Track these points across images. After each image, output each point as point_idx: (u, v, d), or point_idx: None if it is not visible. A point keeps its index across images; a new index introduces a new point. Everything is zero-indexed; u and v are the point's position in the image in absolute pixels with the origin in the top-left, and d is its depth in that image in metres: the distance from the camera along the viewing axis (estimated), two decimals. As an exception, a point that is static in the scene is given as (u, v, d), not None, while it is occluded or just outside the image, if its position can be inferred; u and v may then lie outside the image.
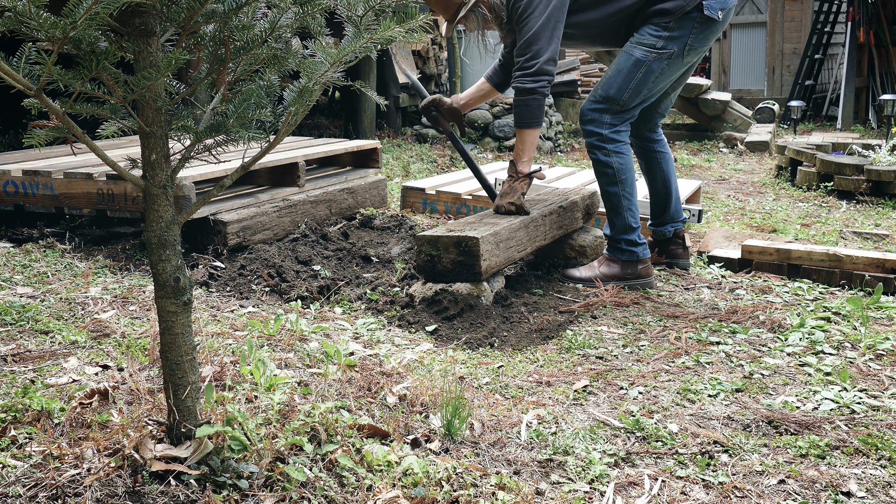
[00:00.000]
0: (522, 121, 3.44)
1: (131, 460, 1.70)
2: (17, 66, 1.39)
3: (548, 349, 2.80)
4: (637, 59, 3.45)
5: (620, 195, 3.57)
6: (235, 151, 4.06)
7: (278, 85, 1.70)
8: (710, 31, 3.46)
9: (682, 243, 3.94)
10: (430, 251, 3.13)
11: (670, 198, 3.87)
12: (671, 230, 3.90)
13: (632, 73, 3.46)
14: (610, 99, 3.50)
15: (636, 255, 3.58)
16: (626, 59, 3.48)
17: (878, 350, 2.81)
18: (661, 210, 3.90)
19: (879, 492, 1.90)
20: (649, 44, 3.43)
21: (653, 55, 3.43)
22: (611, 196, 3.59)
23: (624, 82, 3.47)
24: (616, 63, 3.52)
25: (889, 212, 5.79)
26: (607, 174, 3.56)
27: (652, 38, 3.43)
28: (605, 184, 3.59)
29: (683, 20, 3.39)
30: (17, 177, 3.79)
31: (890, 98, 9.20)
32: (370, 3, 1.60)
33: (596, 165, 3.59)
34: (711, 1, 3.39)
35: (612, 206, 3.60)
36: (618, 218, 3.60)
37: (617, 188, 3.56)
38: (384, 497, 1.71)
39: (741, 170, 8.38)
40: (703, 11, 3.39)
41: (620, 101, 3.49)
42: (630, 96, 3.49)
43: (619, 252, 3.59)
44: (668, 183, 3.85)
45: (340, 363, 2.41)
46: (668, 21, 3.40)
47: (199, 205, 1.71)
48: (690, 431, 2.17)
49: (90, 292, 3.04)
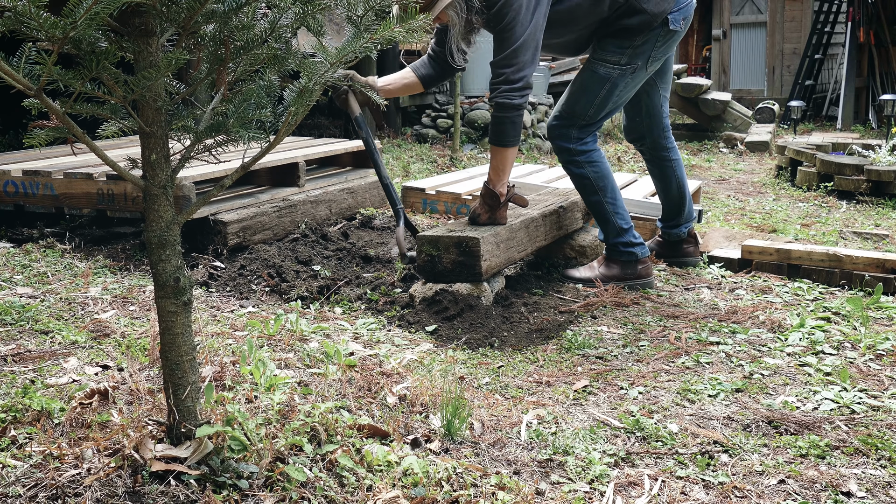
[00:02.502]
0: (506, 139, 3.20)
1: (131, 460, 1.70)
2: (17, 66, 1.39)
3: (548, 349, 2.80)
4: (601, 76, 3.40)
5: (603, 202, 3.54)
6: (235, 151, 4.06)
7: (278, 85, 1.70)
8: (673, 41, 3.45)
9: (695, 241, 3.95)
10: (430, 251, 3.13)
11: (685, 201, 3.87)
12: (685, 231, 3.91)
13: (596, 90, 3.42)
14: (575, 115, 3.46)
15: (635, 256, 3.57)
16: (590, 76, 3.43)
17: (878, 350, 2.81)
18: (675, 213, 3.90)
19: (879, 492, 1.90)
20: (613, 61, 3.38)
21: (617, 72, 3.39)
22: (594, 205, 3.57)
23: (589, 98, 3.43)
24: (580, 80, 3.48)
25: (889, 212, 5.79)
26: (585, 185, 3.54)
27: (616, 54, 3.37)
28: (587, 195, 3.57)
29: (648, 35, 3.35)
30: (17, 177, 3.79)
31: (890, 98, 9.20)
32: (370, 3, 1.60)
33: (573, 178, 3.57)
34: (674, 14, 3.36)
35: (598, 214, 3.58)
36: (607, 225, 3.58)
37: (598, 196, 3.53)
38: (384, 497, 1.71)
39: (741, 170, 8.38)
40: (669, 26, 3.36)
41: (586, 116, 3.46)
42: (595, 111, 3.45)
43: (618, 254, 3.58)
44: (683, 187, 3.86)
45: (340, 363, 2.41)
46: (635, 37, 3.35)
47: (199, 205, 1.71)
48: (690, 431, 2.17)
49: (90, 292, 3.04)
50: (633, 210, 4.43)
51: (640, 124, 3.78)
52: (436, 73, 3.54)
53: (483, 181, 3.35)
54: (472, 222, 3.33)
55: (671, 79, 3.78)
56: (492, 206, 3.30)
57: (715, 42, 15.37)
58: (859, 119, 11.95)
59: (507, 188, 3.32)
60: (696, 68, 16.18)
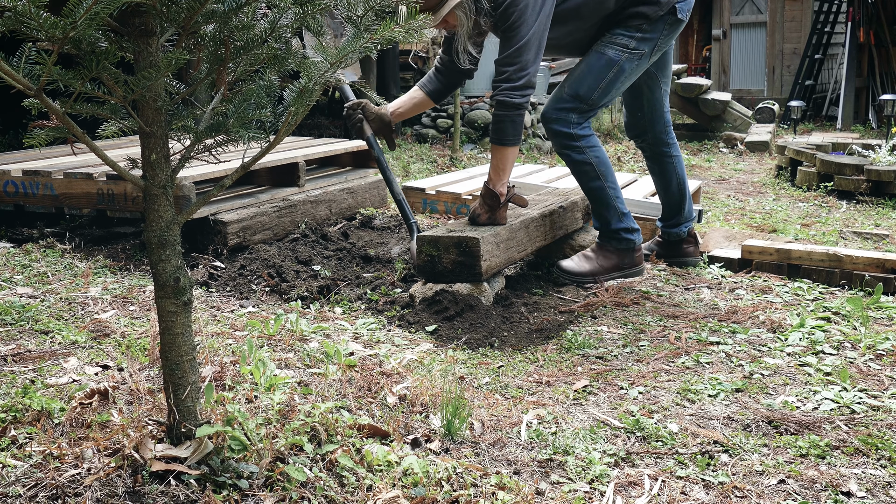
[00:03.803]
0: (506, 138, 3.22)
1: (131, 460, 1.70)
2: (17, 66, 1.39)
3: (548, 349, 2.80)
4: (609, 58, 3.39)
5: (605, 187, 3.49)
6: (235, 151, 4.07)
7: (278, 85, 1.70)
8: (676, 30, 3.48)
9: (695, 241, 3.94)
10: (430, 251, 3.13)
11: (685, 200, 3.87)
12: (685, 230, 3.90)
13: (603, 73, 3.40)
14: (579, 97, 3.42)
15: (634, 243, 3.55)
16: (597, 58, 3.41)
17: (878, 350, 2.81)
18: (676, 212, 3.89)
19: (879, 492, 1.90)
20: (622, 44, 3.38)
21: (625, 55, 3.38)
22: (596, 191, 3.51)
23: (595, 81, 3.40)
24: (586, 62, 3.44)
25: (889, 212, 5.79)
26: (587, 171, 3.47)
27: (625, 38, 3.38)
28: (588, 181, 3.50)
29: (656, 22, 3.38)
30: (17, 177, 3.79)
31: (890, 98, 9.20)
32: (370, 3, 1.61)
33: (572, 165, 3.49)
34: (682, 4, 3.40)
35: (600, 200, 3.52)
36: (609, 210, 3.53)
37: (600, 182, 3.48)
38: (384, 497, 1.71)
39: (741, 170, 8.38)
40: (677, 14, 3.39)
41: (590, 100, 3.42)
42: (599, 95, 3.42)
43: (617, 241, 3.54)
44: (683, 185, 3.85)
45: (340, 363, 2.41)
46: (642, 23, 3.37)
47: (199, 205, 1.71)
48: (690, 431, 2.17)
49: (90, 292, 3.04)
50: (634, 210, 4.43)
51: (641, 119, 3.78)
52: (443, 87, 3.57)
53: (483, 181, 3.35)
54: (472, 222, 3.32)
55: (671, 73, 3.79)
56: (492, 206, 3.30)
57: (715, 42, 15.37)
58: (859, 119, 11.95)
59: (507, 188, 3.31)
60: (696, 68, 16.19)
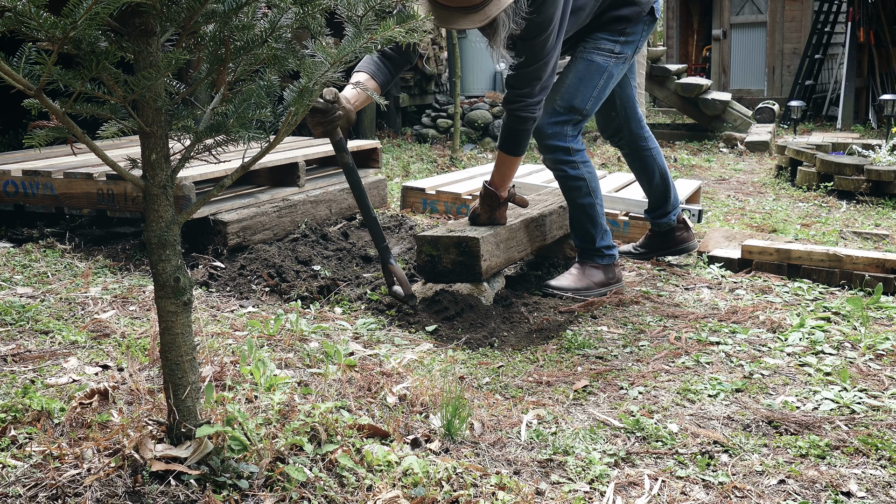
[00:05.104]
0: (519, 149, 3.19)
1: (131, 460, 1.70)
2: (17, 66, 1.39)
3: (548, 349, 2.80)
4: (599, 64, 3.36)
5: (595, 204, 3.44)
6: (235, 151, 4.06)
7: (278, 85, 1.70)
8: (651, 30, 3.50)
9: (686, 226, 3.93)
10: (430, 251, 3.13)
11: (669, 188, 3.86)
12: (674, 218, 3.89)
13: (594, 81, 3.36)
14: (574, 109, 3.35)
15: (615, 258, 3.52)
16: (586, 66, 3.36)
17: (878, 350, 2.81)
18: (662, 202, 3.88)
19: (879, 492, 1.90)
20: (608, 49, 3.36)
21: (612, 60, 3.37)
22: (586, 208, 3.44)
23: (588, 90, 3.35)
24: (575, 72, 3.38)
25: (889, 212, 5.79)
26: (580, 188, 3.41)
27: (609, 43, 3.36)
28: (579, 197, 3.43)
29: (637, 24, 3.38)
30: (17, 177, 3.79)
31: (890, 98, 9.21)
32: (370, 3, 1.60)
33: (565, 181, 3.42)
34: (657, 3, 3.44)
35: (589, 216, 3.45)
36: (596, 227, 3.46)
37: (591, 198, 3.43)
38: (384, 497, 1.71)
39: (741, 170, 8.38)
40: (655, 14, 3.43)
41: (584, 110, 3.37)
42: (592, 105, 3.39)
43: (601, 258, 3.48)
44: (665, 174, 3.84)
45: (340, 363, 2.41)
46: (625, 27, 3.36)
47: (199, 205, 1.71)
48: (690, 431, 2.17)
49: (90, 292, 3.04)
50: (635, 211, 4.44)
51: (616, 119, 3.75)
52: (392, 76, 3.22)
53: (483, 181, 3.35)
54: (472, 222, 3.31)
55: (636, 68, 3.80)
56: (491, 207, 3.29)
57: (715, 42, 15.37)
58: (859, 119, 11.96)
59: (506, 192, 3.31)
60: (695, 68, 16.19)
